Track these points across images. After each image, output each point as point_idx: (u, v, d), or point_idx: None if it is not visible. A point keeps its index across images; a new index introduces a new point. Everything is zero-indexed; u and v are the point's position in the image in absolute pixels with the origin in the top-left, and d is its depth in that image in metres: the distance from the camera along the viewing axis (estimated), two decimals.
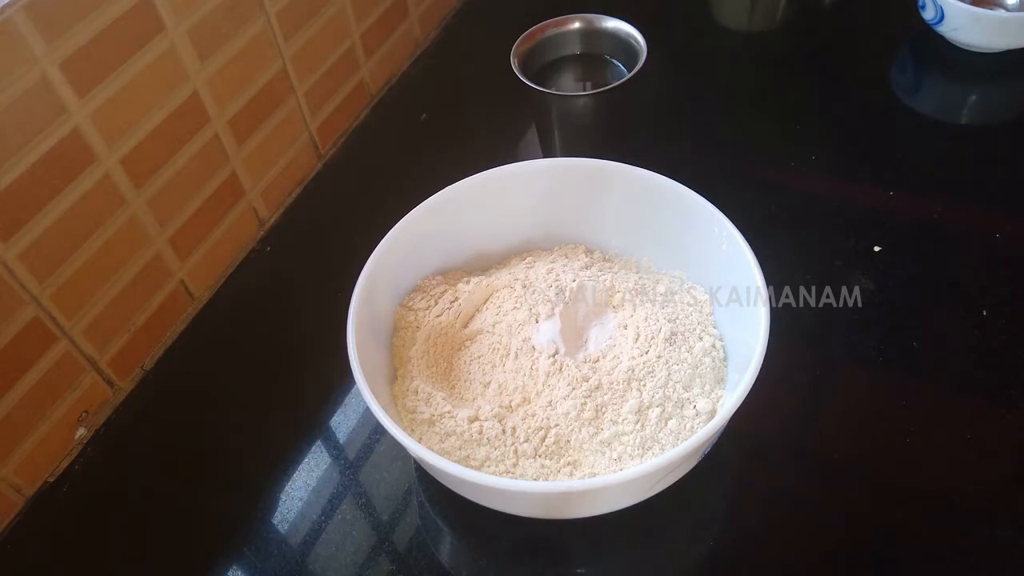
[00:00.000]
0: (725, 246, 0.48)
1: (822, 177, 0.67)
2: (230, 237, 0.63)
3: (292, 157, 0.68)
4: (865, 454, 0.50)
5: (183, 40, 0.54)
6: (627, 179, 0.53)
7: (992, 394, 0.51)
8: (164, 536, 0.49)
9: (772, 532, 0.47)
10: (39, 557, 0.49)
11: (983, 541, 0.45)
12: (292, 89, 0.66)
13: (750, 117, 0.72)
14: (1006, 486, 0.47)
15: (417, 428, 0.46)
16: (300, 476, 0.51)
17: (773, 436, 0.51)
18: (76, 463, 0.53)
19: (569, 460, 0.44)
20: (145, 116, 0.52)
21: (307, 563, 0.47)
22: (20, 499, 0.51)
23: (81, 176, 0.49)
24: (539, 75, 0.70)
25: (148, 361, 0.58)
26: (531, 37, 0.71)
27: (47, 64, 0.45)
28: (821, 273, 0.58)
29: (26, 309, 0.48)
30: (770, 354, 0.42)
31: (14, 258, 0.46)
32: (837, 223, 0.62)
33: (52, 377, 0.51)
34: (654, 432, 0.44)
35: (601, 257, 0.56)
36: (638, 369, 0.46)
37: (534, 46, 0.71)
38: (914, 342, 0.54)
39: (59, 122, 0.47)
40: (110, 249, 0.52)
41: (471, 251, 0.56)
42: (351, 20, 0.70)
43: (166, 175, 0.55)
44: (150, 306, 0.57)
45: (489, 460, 0.44)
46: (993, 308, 0.55)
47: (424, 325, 0.51)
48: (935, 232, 0.61)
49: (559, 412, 0.45)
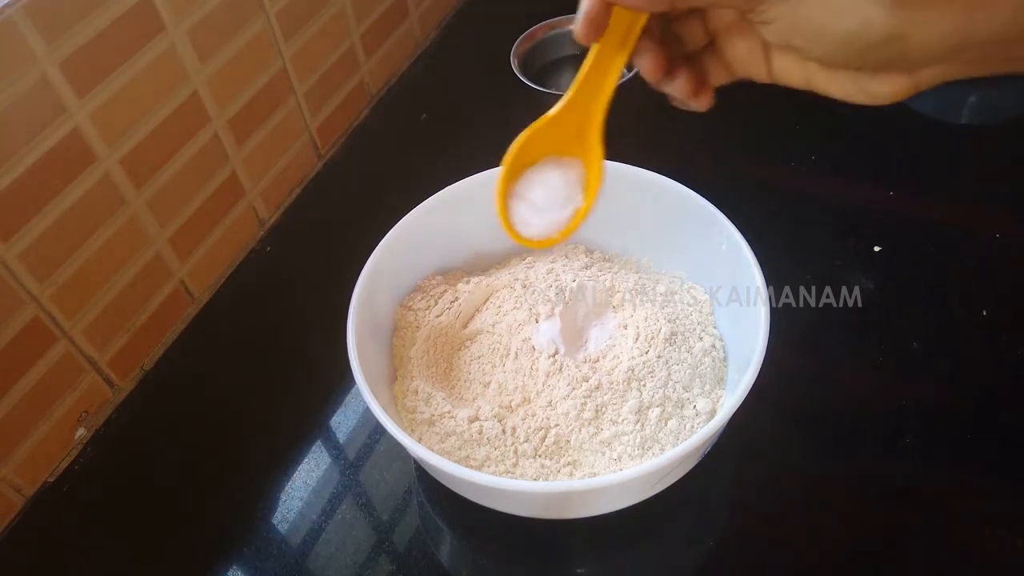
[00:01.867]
0: (725, 246, 0.48)
1: (822, 177, 0.67)
2: (230, 237, 0.63)
3: (292, 157, 0.68)
4: (865, 454, 0.50)
5: (183, 40, 0.54)
6: (627, 179, 0.53)
7: (992, 394, 0.51)
8: (164, 536, 0.49)
9: (772, 532, 0.47)
10: (39, 557, 0.49)
11: (983, 541, 0.45)
12: (292, 89, 0.66)
13: (750, 117, 0.72)
14: (1006, 486, 0.47)
15: (417, 428, 0.46)
16: (300, 476, 0.51)
17: (773, 436, 0.51)
18: (76, 463, 0.53)
19: (569, 460, 0.44)
20: (145, 116, 0.52)
21: (307, 563, 0.47)
22: (20, 499, 0.51)
23: (81, 176, 0.49)
24: (539, 75, 0.70)
25: (148, 361, 0.58)
26: (531, 37, 0.71)
27: (47, 64, 0.45)
28: (821, 273, 0.58)
29: (26, 309, 0.48)
30: (770, 354, 0.42)
31: (14, 258, 0.46)
32: (837, 223, 0.62)
33: (52, 377, 0.51)
34: (654, 432, 0.44)
35: (601, 257, 0.56)
36: (638, 369, 0.46)
37: (534, 46, 0.71)
38: (914, 342, 0.54)
39: (59, 122, 0.47)
40: (110, 249, 0.52)
41: (471, 251, 0.56)
42: (351, 20, 0.70)
43: (166, 175, 0.55)
44: (150, 306, 0.57)
45: (489, 460, 0.44)
46: (993, 308, 0.55)
47: (424, 325, 0.51)
48: (935, 232, 0.61)
49: (559, 412, 0.45)
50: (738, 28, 0.35)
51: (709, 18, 0.35)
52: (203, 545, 0.49)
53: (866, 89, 0.32)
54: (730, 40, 0.35)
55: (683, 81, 0.36)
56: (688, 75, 0.36)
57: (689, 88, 0.36)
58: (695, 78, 0.36)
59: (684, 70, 0.36)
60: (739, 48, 0.35)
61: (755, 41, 0.34)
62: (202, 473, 0.52)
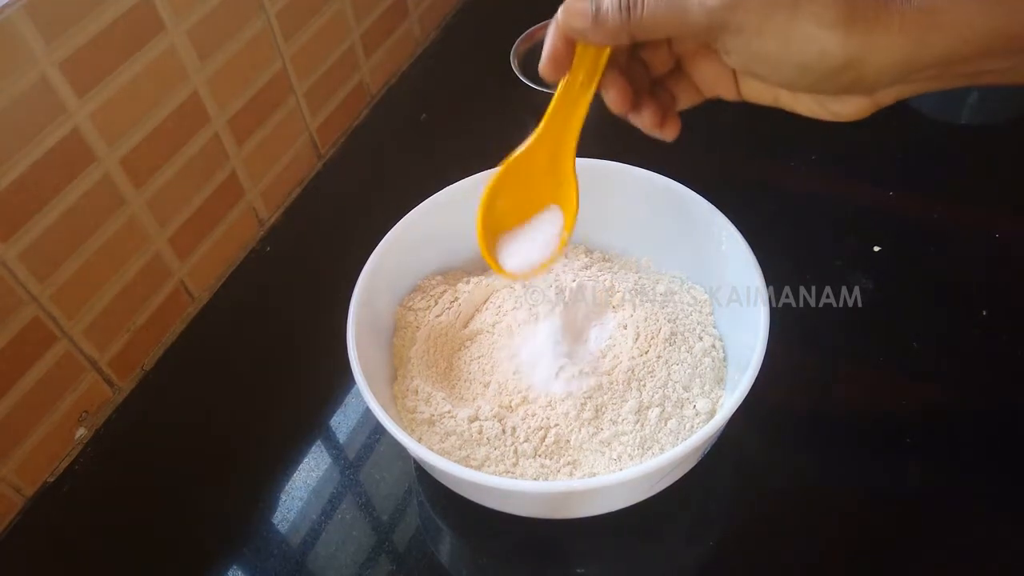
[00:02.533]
0: (725, 246, 0.48)
1: (822, 177, 0.67)
2: (230, 237, 0.63)
3: (292, 157, 0.68)
4: (865, 454, 0.50)
5: (183, 40, 0.54)
6: (627, 179, 0.53)
7: (992, 394, 0.51)
8: (164, 536, 0.49)
9: (772, 532, 0.47)
10: (39, 557, 0.49)
11: (983, 541, 0.45)
12: (292, 89, 0.66)
13: (750, 117, 0.72)
14: (1006, 486, 0.47)
15: (417, 428, 0.46)
16: (300, 476, 0.51)
17: (773, 436, 0.51)
18: (76, 463, 0.53)
19: (569, 460, 0.44)
20: (145, 116, 0.52)
21: (307, 563, 0.47)
22: (20, 499, 0.51)
23: (81, 176, 0.49)
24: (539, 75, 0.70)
25: (148, 361, 0.58)
26: (531, 37, 0.71)
27: (47, 64, 0.45)
28: (821, 273, 0.58)
29: (26, 309, 0.48)
30: (770, 354, 0.42)
31: (14, 258, 0.46)
32: (837, 223, 0.62)
33: (52, 377, 0.51)
34: (654, 432, 0.44)
35: (601, 257, 0.56)
36: (638, 369, 0.46)
37: (534, 46, 0.71)
38: (914, 342, 0.54)
39: (59, 122, 0.47)
40: (110, 249, 0.52)
41: (471, 251, 0.56)
42: (351, 20, 0.70)
43: (166, 175, 0.55)
44: (150, 306, 0.57)
45: (489, 460, 0.44)
46: (993, 308, 0.55)
47: (424, 325, 0.51)
48: (935, 232, 0.61)
49: (559, 412, 0.45)
50: (703, 53, 0.35)
51: (674, 44, 0.36)
52: (203, 545, 0.49)
53: (829, 109, 0.33)
54: (696, 64, 0.36)
55: (649, 114, 0.36)
56: (654, 108, 0.36)
57: (654, 120, 0.37)
58: (660, 109, 0.37)
59: (649, 102, 0.36)
60: (706, 72, 0.36)
61: (721, 64, 0.34)
62: (202, 473, 0.52)
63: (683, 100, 0.38)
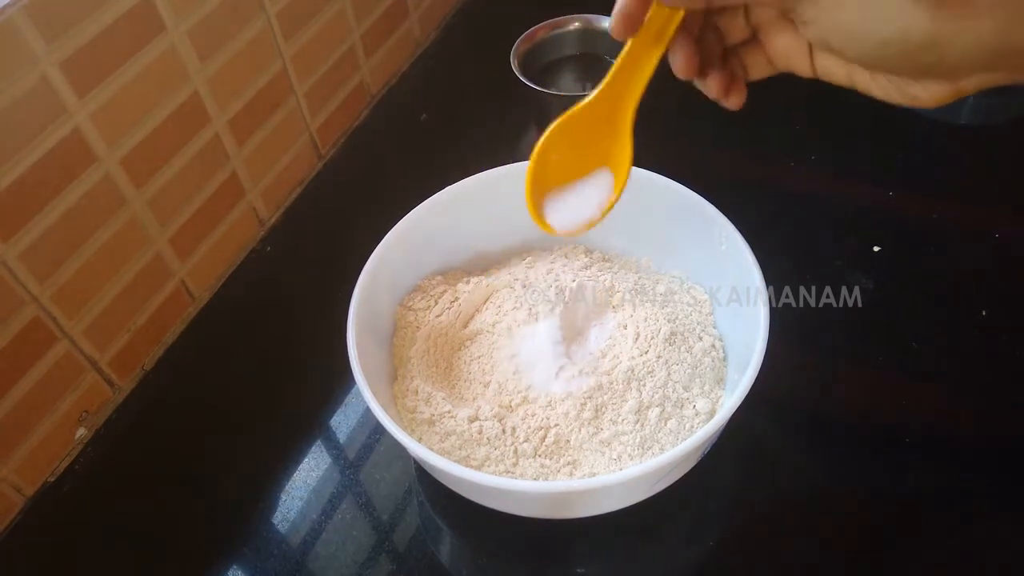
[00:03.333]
0: (725, 246, 0.48)
1: (822, 177, 0.67)
2: (230, 237, 0.63)
3: (292, 157, 0.68)
4: (864, 454, 0.50)
5: (183, 40, 0.54)
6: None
7: (992, 394, 0.51)
8: (164, 536, 0.49)
9: (772, 532, 0.47)
10: (39, 557, 0.49)
11: (983, 541, 0.45)
12: (292, 89, 0.66)
13: (750, 117, 0.72)
14: (1006, 486, 0.47)
15: (417, 428, 0.46)
16: (300, 476, 0.51)
17: (772, 436, 0.51)
18: (76, 463, 0.53)
19: (569, 460, 0.44)
20: (145, 116, 0.52)
21: (307, 563, 0.47)
22: (20, 499, 0.51)
23: (81, 176, 0.49)
24: (539, 75, 0.70)
25: (148, 361, 0.58)
26: (531, 37, 0.71)
27: (47, 64, 0.45)
28: (821, 273, 0.58)
29: (26, 309, 0.48)
30: (770, 354, 0.42)
31: (14, 258, 0.46)
32: (837, 223, 0.62)
33: (52, 377, 0.51)
34: (654, 432, 0.44)
35: (601, 257, 0.56)
36: (638, 369, 0.46)
37: (534, 46, 0.71)
38: (914, 342, 0.54)
39: (59, 122, 0.47)
40: (110, 249, 0.53)
41: (471, 251, 0.56)
42: (351, 20, 0.70)
43: (166, 175, 0.55)
44: (150, 306, 0.57)
45: (489, 460, 0.44)
46: (993, 308, 0.55)
47: (424, 325, 0.51)
48: (935, 232, 0.61)
49: (559, 412, 0.45)
50: (780, 24, 0.34)
51: (751, 13, 0.35)
52: (203, 545, 0.49)
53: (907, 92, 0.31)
54: (773, 35, 0.35)
55: (715, 81, 0.36)
56: (720, 76, 0.36)
57: (720, 88, 0.36)
58: (727, 78, 0.36)
59: (716, 71, 0.36)
60: (781, 43, 0.35)
61: (798, 37, 0.33)
62: (202, 473, 0.52)
63: (754, 71, 0.37)
